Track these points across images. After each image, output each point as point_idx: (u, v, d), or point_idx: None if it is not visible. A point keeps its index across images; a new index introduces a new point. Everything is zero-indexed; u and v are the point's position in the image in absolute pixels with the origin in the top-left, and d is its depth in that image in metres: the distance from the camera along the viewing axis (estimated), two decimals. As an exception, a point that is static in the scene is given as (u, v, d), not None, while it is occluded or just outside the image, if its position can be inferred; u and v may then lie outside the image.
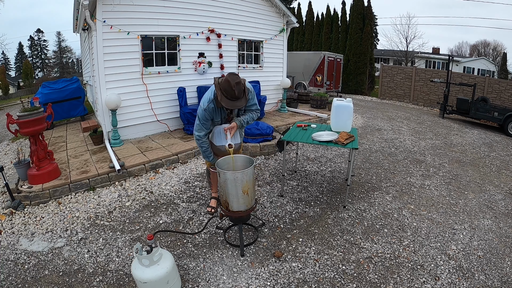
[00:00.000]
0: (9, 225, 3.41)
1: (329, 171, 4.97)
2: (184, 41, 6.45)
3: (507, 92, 11.40)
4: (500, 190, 4.57)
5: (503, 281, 2.64)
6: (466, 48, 42.56)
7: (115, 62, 5.53)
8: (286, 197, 4.01)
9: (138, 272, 2.20)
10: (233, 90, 2.70)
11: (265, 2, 7.99)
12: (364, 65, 15.97)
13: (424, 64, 30.13)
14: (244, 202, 2.75)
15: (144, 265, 2.21)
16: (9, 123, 3.69)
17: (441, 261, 2.85)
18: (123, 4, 5.45)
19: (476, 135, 8.20)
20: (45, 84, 8.05)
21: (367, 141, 6.81)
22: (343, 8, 16.71)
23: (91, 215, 3.59)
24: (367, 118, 9.37)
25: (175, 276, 2.35)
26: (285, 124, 7.18)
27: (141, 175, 4.62)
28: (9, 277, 2.63)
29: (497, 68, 31.51)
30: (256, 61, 8.40)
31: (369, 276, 2.63)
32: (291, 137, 3.93)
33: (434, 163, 5.59)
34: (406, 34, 30.19)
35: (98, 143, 5.75)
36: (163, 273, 2.21)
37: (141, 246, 2.19)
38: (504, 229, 3.48)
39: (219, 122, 3.11)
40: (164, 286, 2.25)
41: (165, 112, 6.46)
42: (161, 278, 2.20)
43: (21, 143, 6.85)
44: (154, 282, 2.18)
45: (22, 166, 4.14)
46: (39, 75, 46.39)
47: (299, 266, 2.75)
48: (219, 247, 2.99)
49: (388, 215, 3.65)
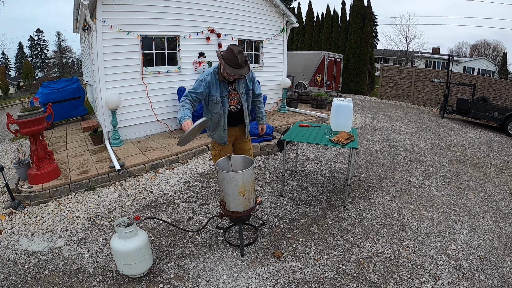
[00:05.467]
0: (9, 225, 3.41)
1: (329, 171, 4.97)
2: (184, 41, 6.45)
3: (507, 92, 11.40)
4: (500, 190, 4.57)
5: (503, 281, 2.64)
6: (466, 48, 42.60)
7: (115, 62, 5.53)
8: (286, 197, 4.01)
9: (114, 242, 2.49)
10: (236, 57, 2.73)
11: (265, 2, 7.98)
12: (364, 65, 15.97)
13: (424, 64, 30.12)
14: (241, 203, 2.75)
15: (122, 237, 2.47)
16: (9, 123, 3.69)
17: (441, 261, 2.85)
18: (123, 4, 5.44)
19: (476, 135, 8.20)
20: (45, 84, 8.05)
21: (367, 141, 6.81)
22: (343, 8, 16.72)
23: (91, 215, 3.59)
24: (367, 118, 9.36)
25: (147, 253, 2.58)
26: (285, 124, 7.18)
27: (141, 175, 4.62)
28: (9, 277, 2.63)
29: (497, 68, 31.49)
30: (256, 61, 8.40)
31: (369, 276, 2.63)
32: (291, 137, 3.93)
33: (434, 163, 5.59)
34: (406, 34, 30.21)
35: (98, 143, 5.75)
36: (136, 245, 2.47)
37: (123, 220, 2.54)
38: (504, 229, 3.48)
39: (218, 100, 2.98)
40: (138, 258, 2.49)
41: (165, 112, 6.46)
42: (135, 250, 2.45)
43: (21, 143, 6.85)
44: (128, 252, 2.44)
45: (22, 166, 4.14)
46: (39, 75, 46.39)
47: (299, 266, 2.75)
48: (219, 247, 2.99)
49: (388, 215, 3.65)
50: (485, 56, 34.27)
